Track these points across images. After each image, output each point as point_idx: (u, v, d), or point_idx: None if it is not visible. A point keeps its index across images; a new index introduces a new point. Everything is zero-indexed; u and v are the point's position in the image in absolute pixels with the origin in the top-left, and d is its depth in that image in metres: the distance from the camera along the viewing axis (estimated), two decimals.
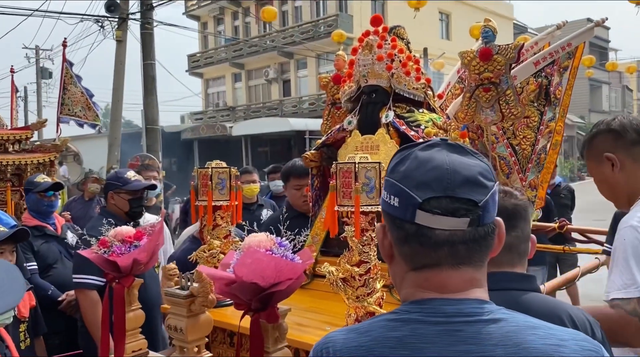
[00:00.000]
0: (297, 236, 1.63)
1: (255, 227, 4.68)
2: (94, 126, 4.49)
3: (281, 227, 1.64)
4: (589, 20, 38.10)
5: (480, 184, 0.89)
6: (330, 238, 2.46)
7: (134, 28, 14.40)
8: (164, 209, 4.82)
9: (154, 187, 3.67)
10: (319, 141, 2.90)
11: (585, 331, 1.33)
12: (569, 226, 4.40)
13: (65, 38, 4.67)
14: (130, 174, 3.38)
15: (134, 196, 3.32)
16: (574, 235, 4.41)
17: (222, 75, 30.16)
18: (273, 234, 1.63)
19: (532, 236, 1.51)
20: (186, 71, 30.80)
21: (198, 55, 30.40)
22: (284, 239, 1.59)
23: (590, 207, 12.82)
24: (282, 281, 1.48)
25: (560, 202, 6.45)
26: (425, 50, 20.66)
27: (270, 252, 1.52)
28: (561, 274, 5.99)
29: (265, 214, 4.96)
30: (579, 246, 4.58)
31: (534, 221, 3.49)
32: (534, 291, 1.43)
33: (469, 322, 0.87)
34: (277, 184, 5.54)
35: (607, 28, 40.41)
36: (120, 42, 12.15)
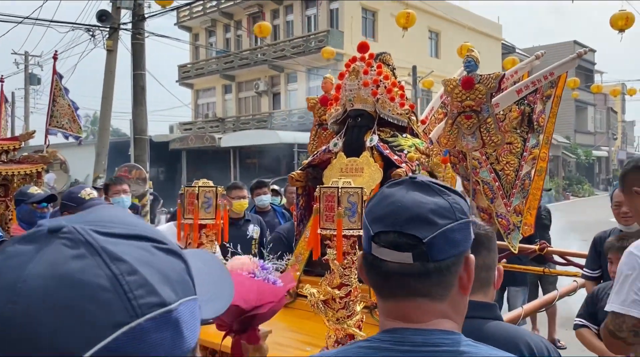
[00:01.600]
0: (280, 260, 1.67)
1: (239, 248, 4.70)
2: (77, 138, 4.51)
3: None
4: (576, 42, 38.75)
5: (429, 222, 0.92)
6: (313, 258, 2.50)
7: (124, 38, 14.44)
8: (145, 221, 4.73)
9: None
10: (305, 161, 2.95)
11: None
12: (549, 248, 4.50)
13: (56, 51, 4.70)
14: (85, 193, 3.20)
15: None
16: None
17: (213, 87, 30.22)
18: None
19: (499, 266, 1.55)
20: (176, 81, 30.79)
21: (189, 65, 30.44)
22: (266, 262, 1.63)
23: (575, 226, 13.02)
24: (264, 304, 1.52)
25: (541, 223, 6.56)
26: (414, 68, 20.90)
27: (253, 275, 1.56)
28: (543, 291, 6.08)
29: (252, 229, 4.98)
30: (558, 267, 4.68)
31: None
32: (494, 319, 1.47)
33: (436, 352, 0.92)
34: (263, 200, 5.57)
35: (593, 51, 41.12)
36: (111, 51, 12.16)
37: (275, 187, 7.21)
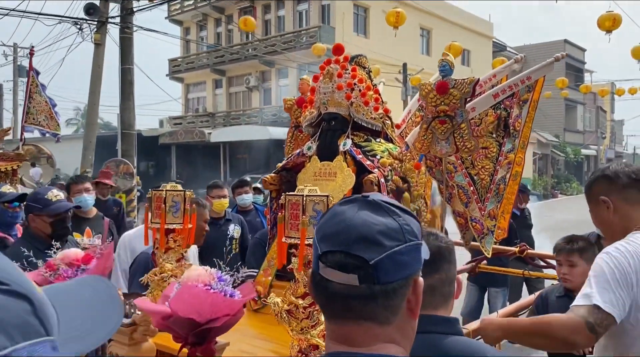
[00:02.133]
0: (236, 273, 1.64)
1: (219, 243, 4.64)
2: (55, 135, 4.44)
3: None
4: (567, 41, 38.87)
5: (377, 243, 0.89)
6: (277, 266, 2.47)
7: (113, 31, 14.30)
8: (107, 218, 4.65)
9: (77, 207, 3.46)
10: (280, 165, 2.92)
11: None
12: (528, 251, 4.50)
13: (32, 46, 4.62)
14: (52, 195, 3.08)
15: (56, 217, 3.04)
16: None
17: (203, 81, 30.07)
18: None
19: (458, 277, 1.53)
20: (167, 75, 30.62)
21: (179, 60, 30.26)
22: (223, 273, 1.60)
23: (563, 225, 13.08)
24: (219, 317, 1.49)
25: (526, 224, 6.59)
26: (404, 65, 20.89)
27: (209, 287, 1.53)
28: (529, 291, 6.10)
29: (233, 229, 4.95)
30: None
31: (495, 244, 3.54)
32: (455, 334, 1.45)
33: None
34: (244, 199, 5.53)
35: (583, 50, 41.32)
36: (99, 45, 12.05)
37: (259, 185, 7.17)
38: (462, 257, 5.29)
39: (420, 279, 0.96)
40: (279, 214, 1.96)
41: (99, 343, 0.67)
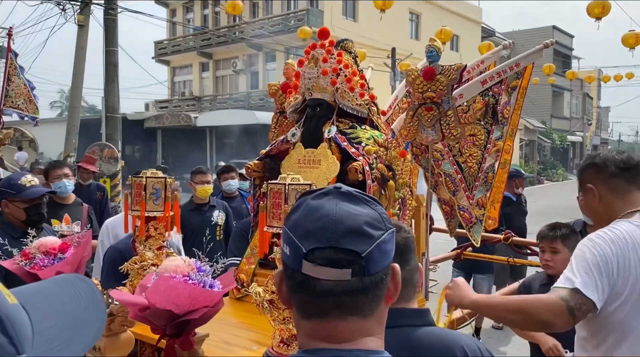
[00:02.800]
0: (215, 264, 1.60)
1: (203, 230, 4.60)
2: (33, 119, 4.34)
3: None
4: (555, 28, 38.91)
5: (365, 234, 0.87)
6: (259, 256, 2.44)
7: (97, 13, 14.03)
8: (86, 205, 4.55)
9: (53, 193, 3.38)
10: (263, 151, 2.87)
11: None
12: (513, 238, 4.52)
13: (10, 27, 4.49)
14: (26, 180, 3.00)
15: (30, 203, 2.97)
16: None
17: (189, 64, 29.71)
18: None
19: (420, 266, 1.52)
20: (152, 58, 30.21)
21: (165, 42, 29.84)
22: (203, 264, 1.56)
23: (548, 211, 13.20)
24: (197, 308, 1.45)
25: (521, 210, 6.62)
26: (393, 49, 20.79)
27: (188, 278, 1.49)
28: (512, 278, 6.14)
29: (217, 215, 4.90)
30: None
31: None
32: (426, 325, 1.44)
33: None
34: (230, 184, 5.47)
35: (571, 36, 41.41)
36: (82, 26, 11.82)
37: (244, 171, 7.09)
38: (449, 244, 5.31)
39: (396, 265, 0.95)
40: (261, 203, 1.92)
41: (80, 354, 0.61)
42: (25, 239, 2.12)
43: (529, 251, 4.55)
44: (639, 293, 1.78)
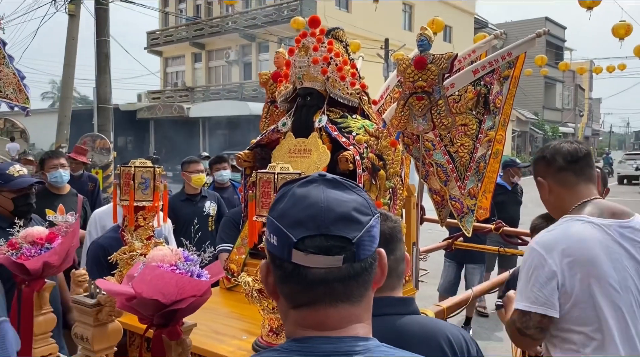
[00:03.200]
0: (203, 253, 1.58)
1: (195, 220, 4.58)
2: (24, 109, 4.28)
3: None
4: (548, 19, 38.91)
5: (354, 220, 0.88)
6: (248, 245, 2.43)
7: (88, 2, 13.88)
8: (80, 196, 4.53)
9: (41, 183, 3.34)
10: (254, 141, 2.85)
11: (461, 350, 1.37)
12: (504, 228, 4.53)
13: (0, 17, 4.43)
14: (14, 169, 2.96)
15: (18, 193, 2.93)
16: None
17: (182, 55, 29.52)
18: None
19: (406, 254, 1.51)
20: (145, 48, 29.98)
21: (158, 32, 29.61)
22: (191, 253, 1.55)
23: (539, 201, 13.25)
24: (185, 298, 1.44)
25: (516, 200, 6.64)
26: (386, 40, 20.72)
27: (175, 267, 1.48)
28: (499, 267, 6.18)
29: (209, 206, 4.88)
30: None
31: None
32: (411, 314, 1.44)
33: None
34: (222, 175, 5.45)
35: (563, 27, 41.43)
36: (73, 16, 11.70)
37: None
38: (441, 234, 5.32)
39: (382, 250, 0.96)
40: (250, 192, 1.90)
41: None
42: (11, 229, 2.10)
43: (519, 241, 4.57)
44: (588, 287, 1.77)
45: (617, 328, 1.75)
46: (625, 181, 27.10)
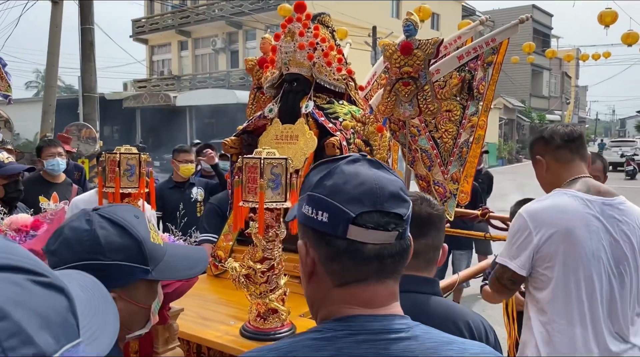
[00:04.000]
0: (188, 237, 1.58)
1: (182, 206, 4.56)
2: (5, 97, 4.22)
3: None
4: (535, 7, 38.93)
5: (404, 199, 0.91)
6: (233, 230, 2.43)
7: None
8: (75, 185, 4.53)
9: (31, 170, 3.34)
10: (240, 127, 2.84)
11: (480, 337, 1.41)
12: (491, 214, 4.57)
13: None
14: (3, 156, 3.01)
15: (8, 180, 2.97)
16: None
17: (168, 43, 29.21)
18: None
19: (444, 245, 1.54)
20: (130, 36, 29.63)
21: (143, 20, 29.26)
22: (175, 238, 1.55)
23: (526, 188, 13.38)
24: (170, 283, 1.44)
25: (482, 187, 6.70)
26: (374, 28, 20.64)
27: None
28: (478, 255, 6.25)
29: (196, 192, 4.88)
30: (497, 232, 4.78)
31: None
32: (435, 295, 1.47)
33: (393, 340, 0.87)
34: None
35: (550, 15, 41.56)
36: (56, 3, 11.52)
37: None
38: None
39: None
40: (236, 177, 1.90)
41: (111, 344, 0.59)
42: None
43: (505, 226, 4.61)
44: (563, 253, 1.98)
45: (582, 288, 1.98)
46: (610, 167, 27.44)
